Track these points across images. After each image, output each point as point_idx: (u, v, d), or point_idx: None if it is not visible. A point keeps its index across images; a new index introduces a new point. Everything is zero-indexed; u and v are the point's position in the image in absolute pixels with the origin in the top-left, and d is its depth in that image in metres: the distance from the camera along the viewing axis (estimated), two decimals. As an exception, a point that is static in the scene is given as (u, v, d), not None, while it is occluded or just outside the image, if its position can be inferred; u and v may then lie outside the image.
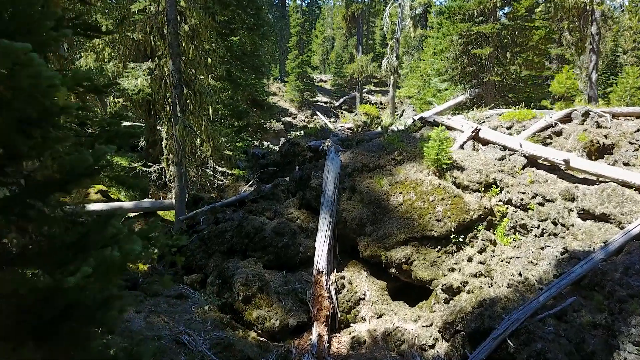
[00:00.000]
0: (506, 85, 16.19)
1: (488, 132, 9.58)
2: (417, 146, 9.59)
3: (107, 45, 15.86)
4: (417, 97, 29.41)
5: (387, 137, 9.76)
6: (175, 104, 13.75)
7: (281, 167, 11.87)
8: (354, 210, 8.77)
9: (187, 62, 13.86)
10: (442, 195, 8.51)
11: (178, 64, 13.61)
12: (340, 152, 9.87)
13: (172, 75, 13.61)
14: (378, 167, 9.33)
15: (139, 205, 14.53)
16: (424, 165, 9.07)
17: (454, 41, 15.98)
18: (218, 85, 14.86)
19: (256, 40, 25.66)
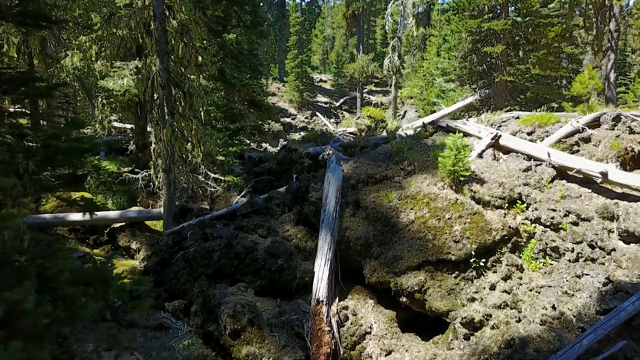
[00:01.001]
0: (519, 85, 15.03)
1: (510, 139, 8.41)
2: (429, 155, 8.42)
3: (94, 43, 14.63)
4: (419, 98, 28.24)
5: (395, 144, 8.60)
6: (162, 106, 12.62)
7: (277, 175, 10.71)
8: (359, 228, 7.61)
9: (176, 61, 12.69)
10: (460, 212, 7.35)
11: (166, 63, 12.46)
12: (343, 161, 8.70)
13: (160, 75, 12.46)
14: (385, 179, 8.17)
15: (124, 215, 13.35)
16: (438, 177, 7.91)
17: (463, 39, 14.82)
18: (210, 86, 13.69)
19: (253, 38, 24.52)
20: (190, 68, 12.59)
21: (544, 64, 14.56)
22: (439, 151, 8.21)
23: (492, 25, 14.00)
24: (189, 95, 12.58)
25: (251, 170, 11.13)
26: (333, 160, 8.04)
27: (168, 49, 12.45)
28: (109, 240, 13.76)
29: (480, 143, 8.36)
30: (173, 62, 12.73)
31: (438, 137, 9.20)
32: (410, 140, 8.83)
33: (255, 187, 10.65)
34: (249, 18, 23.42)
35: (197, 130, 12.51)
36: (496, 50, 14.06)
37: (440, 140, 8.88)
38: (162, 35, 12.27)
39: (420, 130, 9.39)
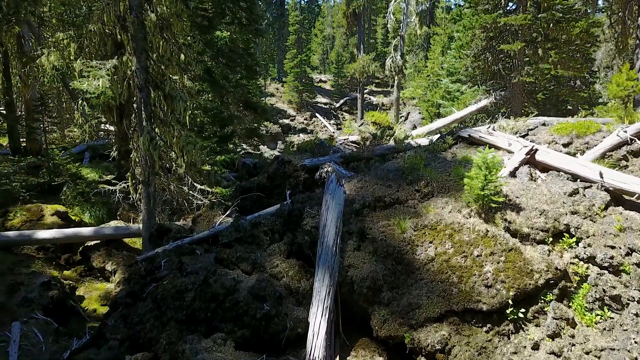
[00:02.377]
0: (540, 87, 13.46)
1: (549, 154, 6.81)
2: (450, 173, 6.83)
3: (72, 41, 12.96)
4: (423, 99, 26.66)
5: (408, 159, 7.00)
6: (140, 110, 11.02)
7: (268, 191, 9.12)
8: (365, 266, 6.02)
9: (155, 60, 11.10)
10: (492, 247, 5.77)
11: (144, 62, 10.86)
12: (344, 179, 7.11)
13: (137, 75, 10.86)
14: (397, 203, 6.58)
15: (99, 232, 11.79)
16: (462, 202, 6.32)
17: (477, 35, 13.24)
18: (195, 87, 12.11)
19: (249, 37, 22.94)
20: (172, 67, 11.00)
21: (566, 63, 12.98)
22: (462, 169, 6.63)
23: (509, 20, 12.41)
24: (171, 98, 10.98)
25: (237, 187, 9.52)
26: (333, 179, 6.45)
27: (146, 46, 10.86)
28: (83, 259, 12.20)
29: (512, 159, 6.76)
30: (152, 61, 11.15)
31: (459, 150, 7.62)
32: (426, 154, 7.23)
33: (242, 206, 9.06)
34: (244, 15, 21.82)
35: (179, 137, 10.94)
36: (514, 48, 12.48)
37: (463, 155, 7.30)
38: (140, 30, 10.68)
39: (437, 141, 7.78)
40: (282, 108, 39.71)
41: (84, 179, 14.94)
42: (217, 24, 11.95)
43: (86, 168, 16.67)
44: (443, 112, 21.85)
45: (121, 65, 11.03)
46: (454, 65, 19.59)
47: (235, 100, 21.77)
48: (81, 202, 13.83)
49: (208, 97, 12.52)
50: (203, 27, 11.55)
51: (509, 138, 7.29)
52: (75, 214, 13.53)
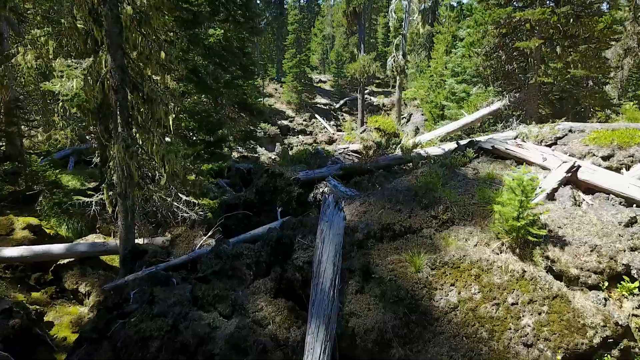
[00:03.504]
0: (557, 88, 12.17)
1: (595, 173, 5.52)
2: (473, 194, 5.55)
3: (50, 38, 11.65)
4: (426, 100, 25.34)
5: (422, 176, 5.73)
6: (116, 114, 9.75)
7: (256, 208, 7.86)
8: (370, 314, 4.76)
9: (133, 58, 9.83)
10: (531, 293, 4.50)
11: (120, 60, 9.55)
12: (344, 199, 5.84)
13: (112, 75, 9.57)
14: (409, 232, 5.31)
15: (73, 249, 10.50)
16: (490, 233, 5.05)
17: (489, 32, 11.96)
18: (180, 89, 10.81)
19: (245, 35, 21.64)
20: (152, 66, 9.72)
21: (586, 62, 11.71)
22: (487, 190, 5.35)
23: (526, 15, 11.13)
24: (150, 100, 9.70)
25: (222, 204, 8.24)
26: (330, 203, 5.18)
27: (122, 43, 9.59)
28: (55, 279, 10.94)
29: (550, 178, 5.48)
30: (130, 59, 9.88)
31: (481, 165, 6.34)
32: (442, 170, 5.95)
33: (227, 225, 7.80)
34: (239, 12, 20.53)
35: (159, 145, 9.67)
36: (530, 45, 11.19)
37: (486, 171, 6.03)
38: (114, 24, 9.37)
39: (455, 154, 6.49)
40: (280, 109, 38.43)
41: (63, 188, 13.65)
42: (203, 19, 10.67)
43: (68, 175, 15.39)
44: (448, 113, 20.56)
45: (95, 64, 9.75)
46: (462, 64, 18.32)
47: (230, 102, 20.47)
48: (58, 213, 12.55)
49: (194, 99, 11.23)
50: (187, 22, 10.27)
51: (543, 151, 6.01)
52: (52, 226, 12.26)
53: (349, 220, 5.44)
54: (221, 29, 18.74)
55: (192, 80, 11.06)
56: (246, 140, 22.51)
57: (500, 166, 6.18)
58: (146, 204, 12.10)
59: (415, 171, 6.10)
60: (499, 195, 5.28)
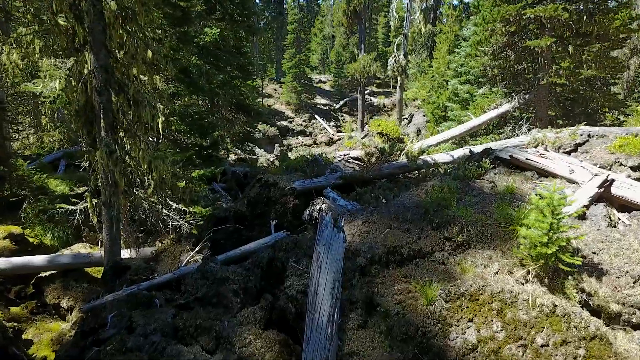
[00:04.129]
0: (569, 90, 11.44)
1: (631, 188, 4.80)
2: (491, 212, 4.83)
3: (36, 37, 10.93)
4: (428, 101, 24.62)
5: (433, 191, 5.01)
6: (99, 117, 9.06)
7: (248, 221, 7.14)
8: (374, 354, 4.05)
9: (119, 57, 9.13)
10: (564, 333, 3.80)
11: (104, 59, 8.84)
12: (344, 216, 5.12)
13: (95, 76, 8.86)
14: (419, 257, 4.59)
15: (55, 261, 9.80)
16: (513, 258, 4.34)
17: (497, 29, 11.24)
18: (169, 90, 10.10)
19: (242, 34, 20.93)
20: (138, 66, 9.01)
21: (600, 62, 11.00)
22: (508, 207, 4.64)
23: (536, 12, 10.41)
24: (136, 103, 9.01)
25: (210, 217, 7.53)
26: (327, 222, 4.47)
27: (106, 41, 8.89)
28: (37, 292, 10.24)
29: (580, 193, 4.76)
30: (115, 59, 9.19)
31: (499, 177, 5.62)
32: (455, 183, 5.23)
33: (216, 239, 7.08)
34: (236, 10, 19.82)
35: (145, 151, 8.98)
36: (542, 44, 10.46)
37: (505, 184, 5.31)
38: (97, 21, 8.66)
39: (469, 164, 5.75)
40: (280, 109, 37.72)
41: (50, 193, 12.94)
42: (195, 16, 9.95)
43: (57, 179, 14.66)
44: (451, 115, 19.86)
45: (77, 63, 9.04)
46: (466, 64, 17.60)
47: (227, 103, 19.76)
48: (43, 220, 11.84)
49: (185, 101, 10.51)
50: (177, 19, 9.56)
51: (569, 162, 5.28)
52: (36, 235, 11.56)
53: (350, 242, 4.73)
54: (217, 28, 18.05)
55: (183, 80, 10.34)
56: (243, 142, 21.79)
57: (520, 178, 5.46)
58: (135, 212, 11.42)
59: (425, 184, 5.38)
60: (521, 213, 4.57)
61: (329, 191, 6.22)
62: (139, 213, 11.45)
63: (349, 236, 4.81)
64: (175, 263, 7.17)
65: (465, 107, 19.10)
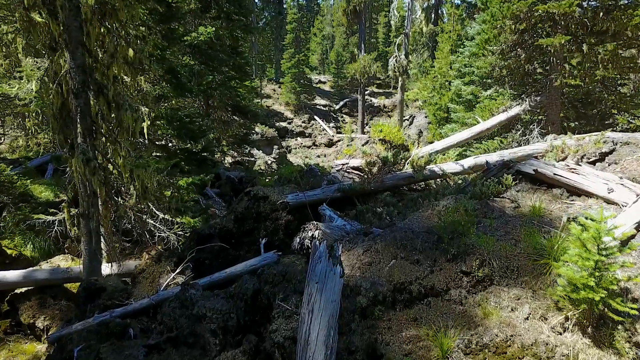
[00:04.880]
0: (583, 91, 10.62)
1: (686, 211, 3.99)
2: (516, 239, 4.03)
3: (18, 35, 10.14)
4: (430, 102, 23.80)
5: (446, 213, 4.22)
6: (76, 122, 8.28)
7: (235, 239, 6.34)
8: (378, 421, 3.26)
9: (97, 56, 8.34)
10: (617, 401, 3.00)
11: (81, 59, 8.02)
12: (342, 242, 4.32)
13: (72, 77, 8.07)
14: (432, 295, 3.80)
15: (30, 276, 8.99)
16: (546, 299, 3.54)
17: (506, 27, 10.44)
18: (154, 92, 9.30)
19: (239, 34, 20.12)
20: (118, 66, 8.22)
21: (617, 62, 10.20)
22: (538, 235, 3.84)
23: (550, 8, 9.61)
24: (116, 106, 8.22)
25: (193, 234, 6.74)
26: (322, 254, 3.68)
27: (83, 38, 8.10)
28: (12, 309, 9.46)
29: (624, 217, 3.96)
30: (94, 58, 8.40)
31: (522, 195, 4.81)
32: (472, 203, 4.42)
33: (200, 259, 6.29)
34: (232, 8, 19.01)
35: (127, 158, 8.19)
36: (555, 42, 9.66)
37: (530, 204, 4.51)
38: (73, 16, 7.84)
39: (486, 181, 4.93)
40: (279, 110, 36.93)
41: (31, 200, 12.14)
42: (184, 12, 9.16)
43: (42, 185, 13.87)
44: (454, 117, 19.05)
45: (52, 63, 8.25)
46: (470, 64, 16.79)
47: (222, 104, 18.96)
48: (23, 230, 11.05)
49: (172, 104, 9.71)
50: (162, 15, 8.77)
51: (607, 179, 4.48)
52: (15, 245, 10.77)
53: (349, 276, 3.93)
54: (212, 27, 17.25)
55: (170, 82, 9.54)
56: (240, 144, 20.99)
57: (547, 197, 4.67)
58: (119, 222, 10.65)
59: (436, 204, 4.58)
60: (553, 242, 3.77)
61: (325, 208, 5.43)
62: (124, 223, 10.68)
63: (348, 268, 4.02)
64: (154, 286, 6.37)
65: (469, 109, 18.29)
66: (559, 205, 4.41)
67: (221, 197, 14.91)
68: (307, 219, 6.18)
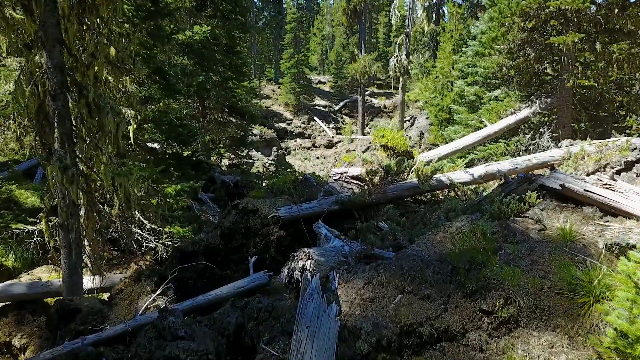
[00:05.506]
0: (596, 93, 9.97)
1: None
2: (546, 271, 3.37)
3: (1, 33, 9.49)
4: (432, 103, 23.15)
5: (461, 238, 3.57)
6: (53, 125, 7.64)
7: (222, 257, 5.70)
8: None
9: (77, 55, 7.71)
10: None
11: (58, 58, 7.36)
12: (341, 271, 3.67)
13: (49, 77, 7.43)
14: (445, 339, 3.14)
15: (6, 291, 8.35)
16: (587, 347, 2.87)
17: (514, 24, 9.79)
18: (141, 94, 8.66)
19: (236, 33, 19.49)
20: (99, 65, 7.59)
21: (633, 62, 9.56)
22: (572, 266, 3.19)
23: (562, 4, 8.97)
24: (97, 108, 7.58)
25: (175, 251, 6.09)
26: (314, 291, 3.04)
27: (61, 35, 7.47)
28: (-12, 326, 8.83)
29: (674, 245, 3.34)
30: (74, 57, 7.77)
31: (548, 215, 4.15)
32: (491, 226, 3.76)
33: (184, 278, 5.65)
34: (228, 7, 18.38)
35: (108, 165, 7.56)
36: (568, 40, 9.02)
37: (558, 227, 3.86)
38: (50, 12, 7.18)
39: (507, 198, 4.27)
40: (278, 111, 36.29)
41: (17, 206, 11.52)
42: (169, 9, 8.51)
43: (29, 190, 13.23)
44: (457, 118, 18.40)
45: (28, 62, 7.61)
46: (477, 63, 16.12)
47: (218, 105, 18.33)
48: (5, 239, 10.42)
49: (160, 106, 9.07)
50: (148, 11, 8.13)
51: (649, 197, 3.85)
52: (-3, 255, 10.15)
53: (347, 314, 3.28)
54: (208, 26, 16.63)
55: (158, 82, 8.91)
56: (237, 147, 20.35)
57: (578, 217, 4.02)
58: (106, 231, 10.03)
59: (448, 225, 3.92)
60: (593, 276, 3.12)
61: (321, 226, 4.78)
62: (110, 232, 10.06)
63: (346, 304, 3.37)
64: (132, 308, 5.73)
65: (472, 110, 17.65)
66: (593, 228, 3.77)
67: (216, 202, 14.27)
68: (301, 235, 5.54)
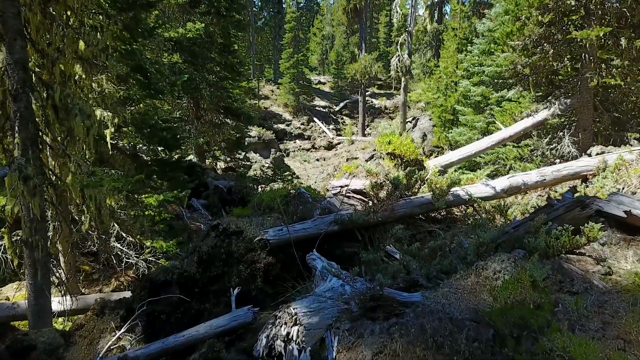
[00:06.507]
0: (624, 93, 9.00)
1: None
2: (625, 339, 2.39)
3: None
4: (435, 104, 22.18)
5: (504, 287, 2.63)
6: (14, 129, 6.70)
7: (200, 287, 4.74)
8: None
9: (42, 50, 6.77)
10: None
11: (20, 53, 6.35)
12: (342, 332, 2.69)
13: (9, 75, 6.47)
14: None
15: (-34, 314, 7.42)
16: None
17: (531, 18, 8.84)
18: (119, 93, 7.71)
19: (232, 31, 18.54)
20: (66, 62, 6.65)
21: (662, 59, 8.61)
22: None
23: (585, -5, 8.04)
24: (65, 110, 6.63)
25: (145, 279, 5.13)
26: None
27: (22, 28, 6.52)
28: (-52, 352, 7.91)
29: None
30: (40, 53, 6.83)
31: (611, 252, 3.17)
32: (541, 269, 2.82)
33: (156, 312, 4.69)
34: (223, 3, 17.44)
35: (76, 175, 6.61)
36: (592, 35, 8.07)
37: (628, 270, 2.92)
38: (9, 2, 6.34)
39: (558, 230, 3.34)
40: (277, 112, 35.33)
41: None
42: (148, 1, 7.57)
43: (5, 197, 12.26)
44: (462, 119, 17.45)
45: (-15, 58, 6.65)
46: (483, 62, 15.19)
47: (212, 106, 17.38)
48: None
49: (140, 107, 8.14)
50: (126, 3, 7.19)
51: None
52: (-35, 270, 9.20)
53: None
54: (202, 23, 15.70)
55: (140, 81, 7.96)
56: (233, 149, 19.40)
57: (651, 255, 3.08)
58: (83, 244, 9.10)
59: (482, 266, 2.95)
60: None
61: (315, 258, 3.83)
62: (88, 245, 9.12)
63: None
64: (92, 348, 4.78)
65: (479, 111, 16.71)
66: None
67: (208, 209, 13.30)
68: (293, 261, 4.58)
